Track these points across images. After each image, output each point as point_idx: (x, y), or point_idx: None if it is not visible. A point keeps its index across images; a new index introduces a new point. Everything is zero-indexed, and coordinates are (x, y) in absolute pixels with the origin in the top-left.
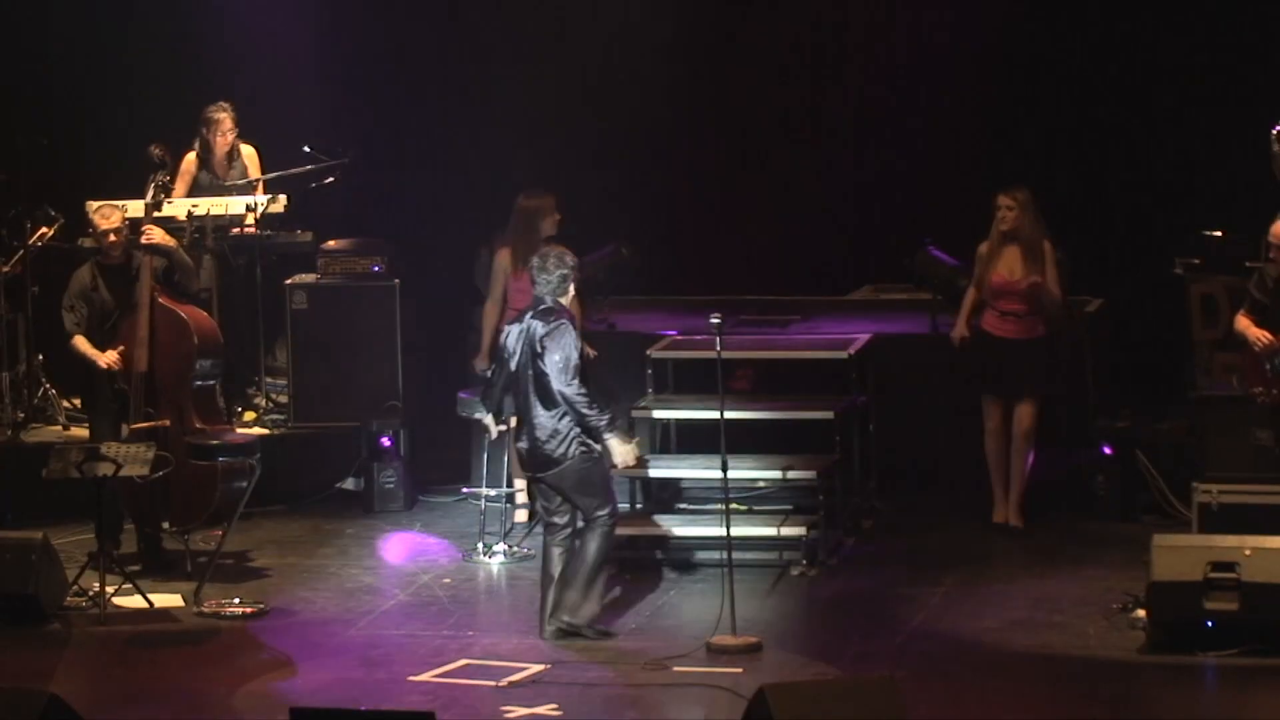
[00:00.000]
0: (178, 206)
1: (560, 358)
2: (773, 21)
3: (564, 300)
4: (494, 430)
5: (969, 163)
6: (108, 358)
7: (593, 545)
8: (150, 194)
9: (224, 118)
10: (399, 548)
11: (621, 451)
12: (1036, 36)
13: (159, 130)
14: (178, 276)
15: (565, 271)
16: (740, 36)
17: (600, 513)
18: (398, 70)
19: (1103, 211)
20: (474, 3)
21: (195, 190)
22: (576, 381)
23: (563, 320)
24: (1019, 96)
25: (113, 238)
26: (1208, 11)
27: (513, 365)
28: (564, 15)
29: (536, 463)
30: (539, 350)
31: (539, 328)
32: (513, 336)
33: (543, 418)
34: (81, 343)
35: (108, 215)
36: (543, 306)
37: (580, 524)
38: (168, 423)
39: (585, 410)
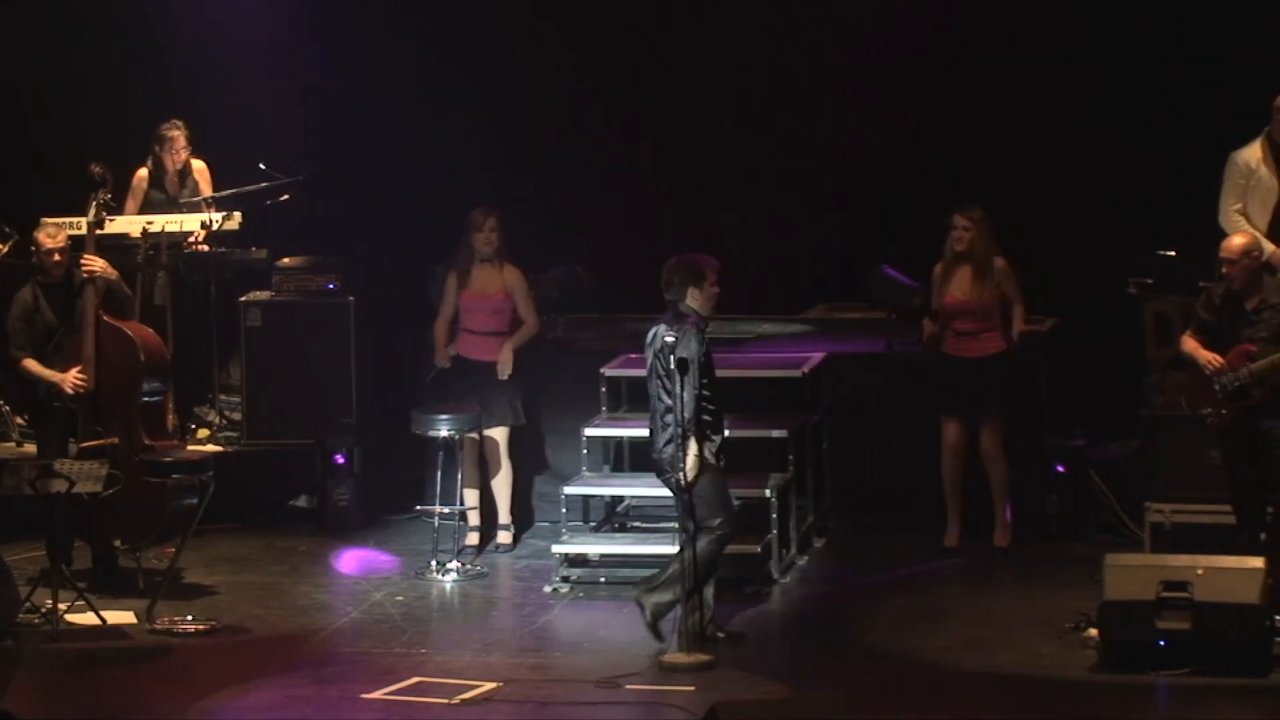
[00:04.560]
0: (132, 223)
1: (686, 357)
2: (726, 40)
3: (693, 304)
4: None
5: (924, 180)
6: (70, 379)
7: (695, 551)
8: (92, 213)
9: (178, 136)
10: (352, 563)
11: (690, 462)
12: (991, 52)
13: (113, 147)
14: (115, 306)
15: (682, 276)
16: (694, 56)
17: (711, 521)
18: (353, 88)
19: (1057, 230)
20: (430, 22)
21: (147, 207)
22: (692, 382)
23: (688, 324)
24: (973, 114)
25: (57, 257)
26: (1163, 31)
27: (646, 371)
28: (519, 36)
29: (659, 466)
30: (665, 355)
31: (664, 333)
32: (647, 341)
33: (664, 422)
34: (32, 364)
35: (53, 235)
36: (671, 313)
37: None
38: (117, 440)
39: (686, 412)
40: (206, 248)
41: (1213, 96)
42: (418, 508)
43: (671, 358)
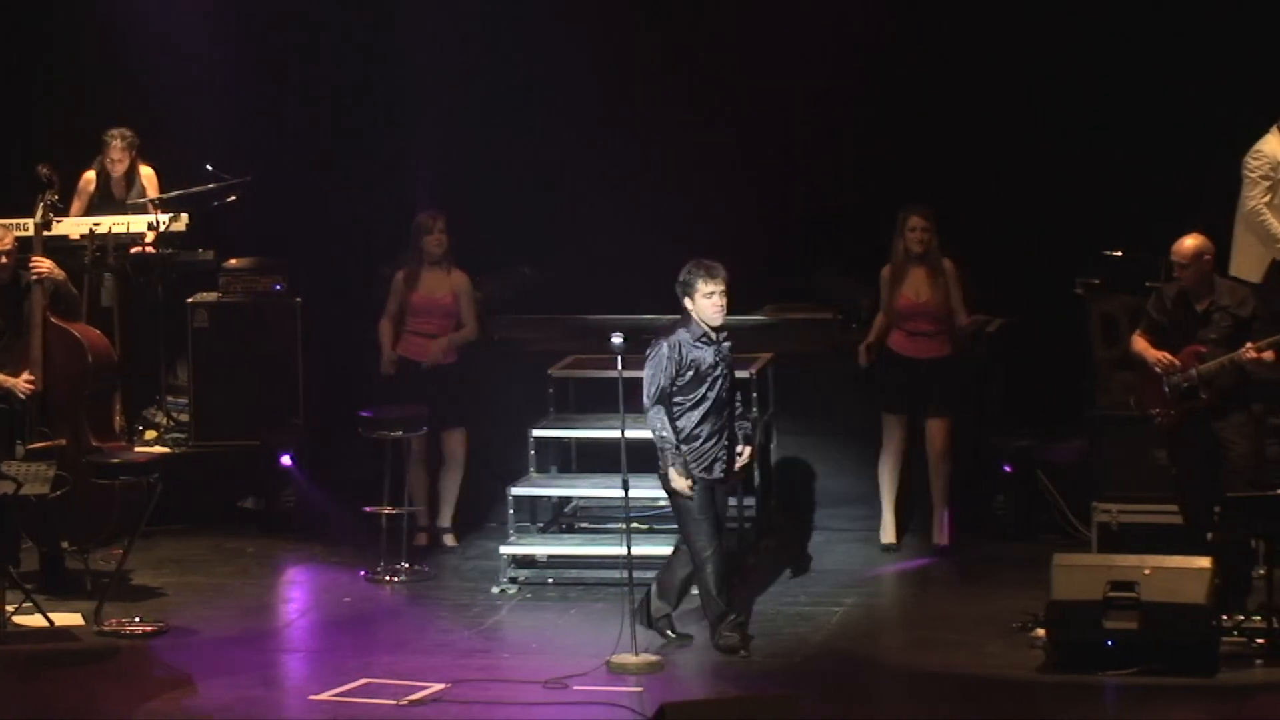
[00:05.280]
0: (80, 224)
1: (646, 375)
2: (671, 42)
3: (691, 312)
4: None
5: (870, 181)
6: (21, 383)
7: (696, 577)
8: (39, 214)
9: (114, 145)
10: (301, 574)
11: (677, 481)
12: (935, 54)
13: (60, 149)
14: (62, 307)
15: (681, 283)
16: (638, 57)
17: (690, 545)
18: (298, 89)
19: (1003, 231)
20: (374, 22)
21: (92, 209)
22: (652, 401)
23: (660, 339)
24: (919, 115)
25: (4, 259)
26: (1108, 31)
27: None
28: (466, 34)
29: None
30: None
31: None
32: None
33: None
34: None
35: (0, 236)
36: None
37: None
38: (65, 442)
39: (654, 432)
40: (153, 249)
41: (1158, 97)
42: (365, 509)
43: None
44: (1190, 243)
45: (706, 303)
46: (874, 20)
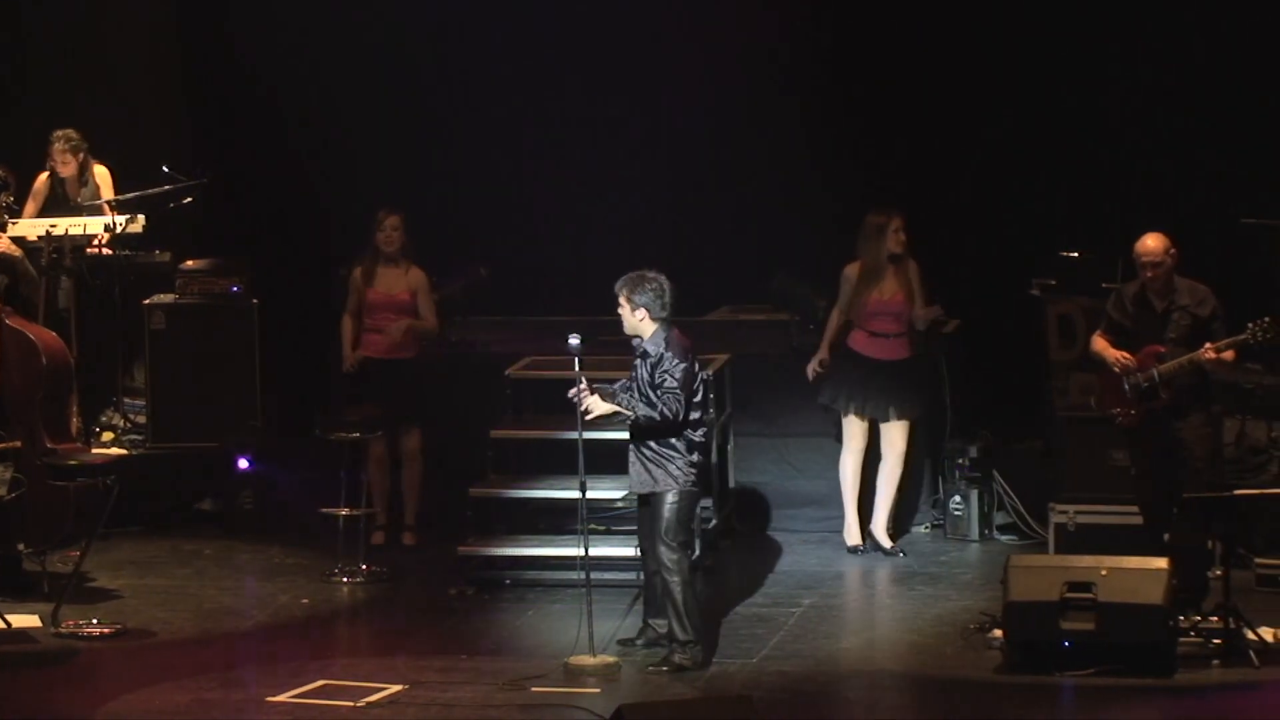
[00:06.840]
0: (37, 226)
1: None
2: (625, 40)
3: None
4: None
5: (827, 183)
6: None
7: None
8: None
9: (54, 147)
10: (259, 576)
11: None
12: (890, 55)
13: (14, 151)
14: (22, 287)
15: None
16: (599, 58)
17: None
18: (256, 90)
19: (959, 232)
20: (327, 24)
21: (46, 210)
22: None
23: None
24: (876, 117)
25: None
26: (1064, 33)
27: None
28: (426, 34)
29: None
30: None
31: None
32: None
33: None
34: None
35: None
36: None
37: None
38: (20, 444)
39: None
40: (110, 251)
41: (1114, 98)
42: (323, 510)
43: None
44: (1154, 242)
45: None
46: (828, 24)
